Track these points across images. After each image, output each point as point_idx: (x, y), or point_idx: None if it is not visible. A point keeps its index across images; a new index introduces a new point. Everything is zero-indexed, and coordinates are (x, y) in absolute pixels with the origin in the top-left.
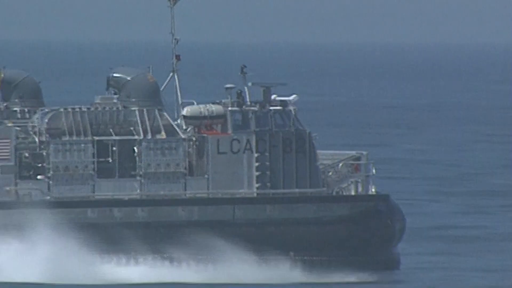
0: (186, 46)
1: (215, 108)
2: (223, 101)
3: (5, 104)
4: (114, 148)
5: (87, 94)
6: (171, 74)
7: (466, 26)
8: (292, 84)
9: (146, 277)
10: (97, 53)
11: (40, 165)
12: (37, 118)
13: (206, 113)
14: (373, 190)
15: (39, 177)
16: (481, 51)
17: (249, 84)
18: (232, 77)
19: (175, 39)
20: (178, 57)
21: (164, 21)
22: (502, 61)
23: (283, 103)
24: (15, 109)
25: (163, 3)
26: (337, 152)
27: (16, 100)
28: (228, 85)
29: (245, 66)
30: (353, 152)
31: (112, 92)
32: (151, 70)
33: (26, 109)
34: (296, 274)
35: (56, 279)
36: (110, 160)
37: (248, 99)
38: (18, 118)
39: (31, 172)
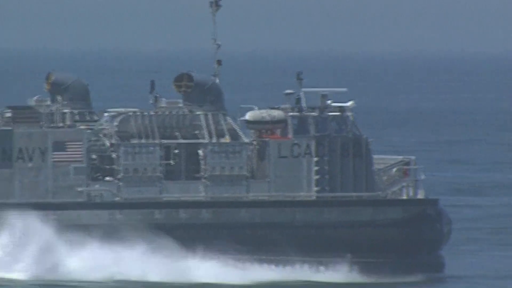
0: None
1: (277, 113)
2: (281, 106)
3: (55, 107)
4: (176, 151)
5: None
6: (212, 78)
7: None
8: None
9: (214, 276)
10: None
11: (108, 167)
12: (106, 121)
13: (268, 118)
14: (422, 194)
15: (107, 178)
16: None
17: (304, 90)
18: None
19: (217, 44)
20: (219, 62)
21: (204, 28)
22: None
23: (341, 109)
24: (64, 111)
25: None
26: (385, 157)
27: (65, 102)
28: (287, 91)
29: (301, 73)
30: (400, 157)
31: (156, 95)
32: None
33: (75, 111)
34: (353, 276)
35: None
36: (172, 163)
37: (304, 105)
38: (87, 121)
39: (99, 174)
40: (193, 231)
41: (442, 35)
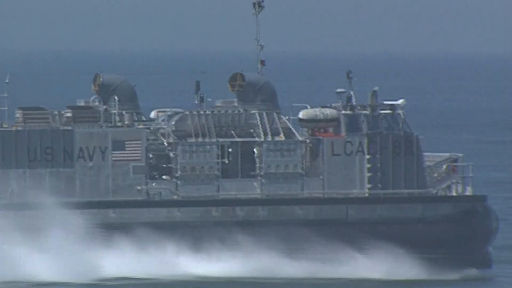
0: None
1: (330, 112)
2: (333, 104)
3: (104, 107)
4: (230, 150)
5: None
6: (265, 78)
7: None
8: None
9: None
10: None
11: (165, 165)
12: (163, 121)
13: (322, 117)
14: (470, 191)
15: (164, 177)
16: None
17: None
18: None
19: (260, 45)
20: (262, 62)
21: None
22: None
23: (392, 107)
24: (113, 111)
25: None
26: (433, 154)
27: (113, 103)
28: (339, 90)
29: (350, 71)
30: (448, 154)
31: (201, 96)
32: None
33: (123, 112)
34: (403, 271)
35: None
36: (227, 161)
37: (354, 103)
38: (143, 121)
39: (156, 173)
40: (249, 227)
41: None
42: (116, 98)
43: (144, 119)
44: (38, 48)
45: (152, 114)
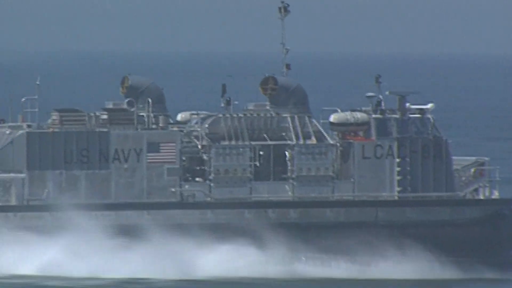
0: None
1: (360, 116)
2: (363, 108)
3: (132, 110)
4: (261, 152)
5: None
6: (297, 81)
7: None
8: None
9: (304, 273)
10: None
11: (198, 168)
12: (196, 123)
13: (352, 120)
14: (497, 194)
15: (197, 179)
16: None
17: (386, 93)
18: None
19: (286, 49)
20: (288, 66)
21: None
22: None
23: (422, 111)
24: (141, 114)
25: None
26: (459, 158)
27: (141, 105)
28: (369, 94)
29: (380, 76)
30: (474, 158)
31: (228, 98)
32: None
33: (152, 114)
34: (433, 274)
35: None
36: (258, 164)
37: (383, 107)
38: (177, 123)
39: (189, 175)
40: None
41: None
42: (149, 100)
43: (171, 121)
44: (59, 48)
45: (179, 117)
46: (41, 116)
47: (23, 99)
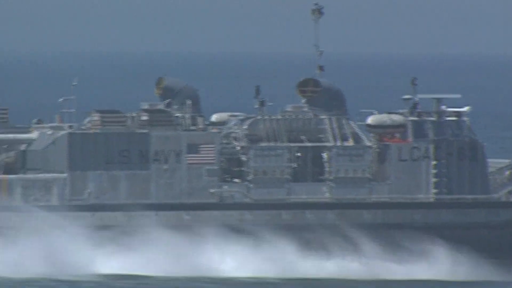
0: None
1: (397, 118)
2: (399, 110)
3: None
4: (299, 154)
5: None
6: (335, 84)
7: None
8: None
9: (338, 272)
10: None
11: (236, 169)
12: (235, 125)
13: (389, 122)
14: None
15: (235, 180)
16: None
17: (422, 96)
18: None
19: (319, 51)
20: (321, 68)
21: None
22: None
23: (458, 114)
24: (176, 115)
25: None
26: (494, 160)
27: (176, 107)
28: (405, 96)
29: (415, 78)
30: (508, 160)
31: (261, 100)
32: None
33: (187, 115)
34: (468, 274)
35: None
36: (296, 165)
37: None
38: (216, 124)
39: (227, 176)
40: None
41: None
42: (188, 102)
43: (206, 122)
44: (88, 49)
45: (213, 118)
46: (78, 117)
47: (61, 99)
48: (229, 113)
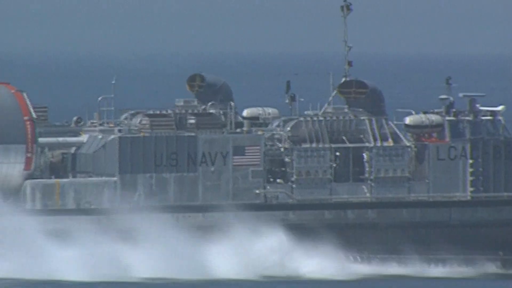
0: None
1: (435, 118)
2: (435, 110)
3: (203, 107)
4: (337, 154)
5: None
6: (343, 79)
7: None
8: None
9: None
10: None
11: (279, 169)
12: (277, 126)
13: (427, 122)
14: None
15: (278, 181)
16: None
17: (460, 95)
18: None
19: (348, 46)
20: (350, 63)
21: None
22: None
23: (493, 113)
24: (211, 111)
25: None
26: None
27: (210, 103)
28: (442, 96)
29: (450, 78)
30: None
31: (292, 95)
32: (331, 77)
33: (221, 112)
34: (504, 272)
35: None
36: (335, 165)
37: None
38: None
39: (270, 177)
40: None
41: None
42: (232, 104)
43: (240, 118)
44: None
45: (245, 112)
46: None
47: (100, 98)
48: (260, 108)
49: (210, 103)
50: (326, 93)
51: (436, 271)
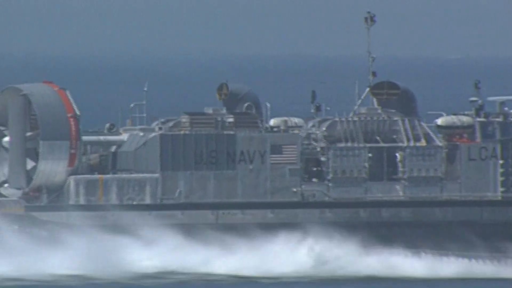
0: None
1: (466, 119)
2: (466, 112)
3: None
4: (369, 154)
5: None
6: (367, 89)
7: None
8: None
9: (429, 270)
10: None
11: (315, 168)
12: (313, 126)
13: (459, 124)
14: None
15: (313, 180)
16: None
17: (489, 98)
18: None
19: (372, 57)
20: (374, 74)
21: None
22: None
23: None
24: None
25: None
26: None
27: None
28: (472, 98)
29: (479, 82)
30: None
31: (317, 105)
32: (357, 87)
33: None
34: None
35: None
36: (366, 165)
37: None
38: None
39: (305, 175)
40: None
41: None
42: (268, 105)
43: (267, 126)
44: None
45: (272, 122)
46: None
47: (132, 104)
48: (286, 118)
49: (246, 104)
50: (351, 102)
51: (466, 269)
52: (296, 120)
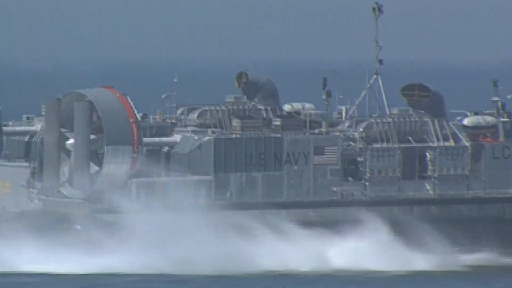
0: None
1: (490, 119)
2: (487, 111)
3: (252, 103)
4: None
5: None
6: (374, 76)
7: None
8: None
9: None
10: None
11: (351, 168)
12: (349, 126)
13: (484, 123)
14: None
15: (349, 179)
16: None
17: (508, 97)
18: None
19: (379, 46)
20: (381, 62)
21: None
22: None
23: None
24: (259, 107)
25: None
26: None
27: (256, 99)
28: (494, 98)
29: (497, 80)
30: None
31: (328, 91)
32: (367, 75)
33: (268, 108)
34: None
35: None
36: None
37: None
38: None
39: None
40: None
41: None
42: (307, 105)
43: (284, 113)
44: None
45: (285, 108)
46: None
47: (163, 95)
48: (300, 104)
49: (255, 100)
50: (358, 92)
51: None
52: (307, 105)
